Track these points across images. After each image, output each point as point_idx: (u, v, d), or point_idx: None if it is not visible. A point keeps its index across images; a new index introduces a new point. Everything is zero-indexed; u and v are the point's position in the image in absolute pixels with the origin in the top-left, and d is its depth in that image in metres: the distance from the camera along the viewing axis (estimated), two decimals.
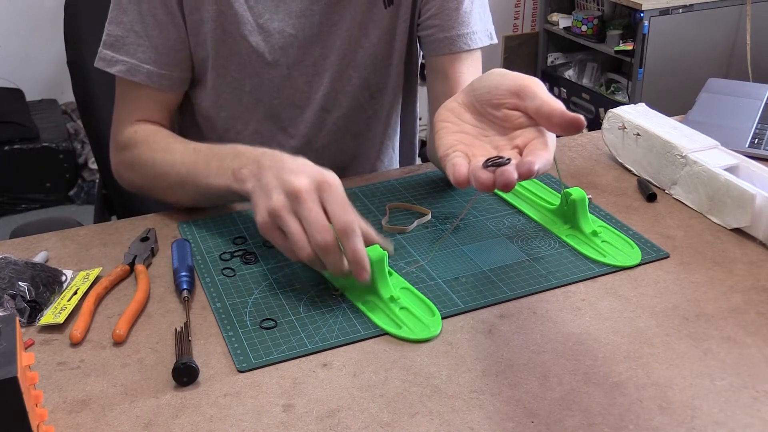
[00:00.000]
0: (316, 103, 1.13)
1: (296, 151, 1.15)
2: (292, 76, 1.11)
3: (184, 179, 0.97)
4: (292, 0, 1.08)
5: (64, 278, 0.88)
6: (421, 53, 1.19)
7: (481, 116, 0.77)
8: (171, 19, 1.05)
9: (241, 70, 1.10)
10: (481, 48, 1.12)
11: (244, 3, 1.07)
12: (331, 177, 0.82)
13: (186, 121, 1.20)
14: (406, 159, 1.32)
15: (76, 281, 0.87)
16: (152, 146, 1.04)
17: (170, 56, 1.06)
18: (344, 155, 1.19)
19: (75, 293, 0.84)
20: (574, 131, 0.71)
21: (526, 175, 0.65)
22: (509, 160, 0.68)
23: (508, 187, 0.66)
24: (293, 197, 0.81)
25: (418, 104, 1.29)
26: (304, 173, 0.82)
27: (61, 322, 0.80)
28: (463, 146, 0.74)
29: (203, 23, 1.07)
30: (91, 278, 0.87)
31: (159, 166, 1.01)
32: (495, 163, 0.66)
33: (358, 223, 0.81)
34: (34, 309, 0.82)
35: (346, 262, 0.81)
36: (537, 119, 0.73)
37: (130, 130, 1.07)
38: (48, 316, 0.81)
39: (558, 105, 0.71)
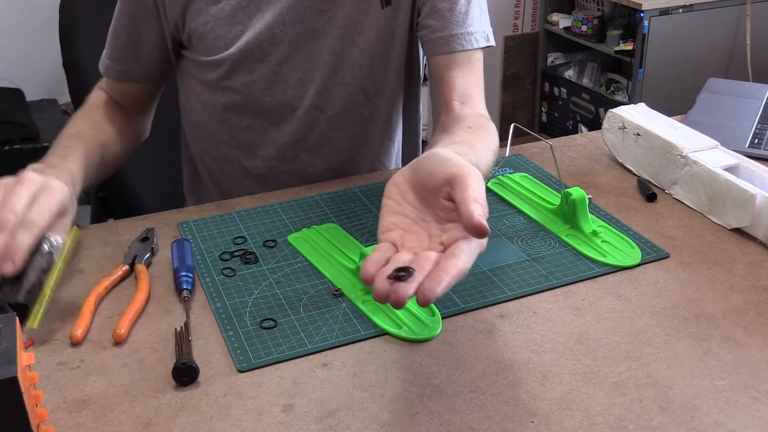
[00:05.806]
0: (308, 101, 1.13)
1: (288, 147, 1.16)
2: (282, 72, 1.11)
3: None
4: None
5: (46, 247, 0.81)
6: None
7: (423, 198, 0.74)
8: (144, 13, 1.10)
9: (231, 67, 1.10)
10: (480, 49, 1.10)
11: None
12: (58, 184, 0.85)
13: (190, 105, 1.22)
14: (409, 160, 1.30)
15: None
16: (76, 113, 1.15)
17: (127, 51, 1.13)
18: (339, 156, 1.18)
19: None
20: (475, 235, 0.67)
21: (423, 303, 0.63)
22: (412, 273, 0.64)
23: (398, 305, 0.64)
24: (18, 179, 0.84)
25: (421, 105, 1.29)
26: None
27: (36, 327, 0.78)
28: (398, 232, 0.71)
29: (185, 23, 1.09)
30: (69, 240, 0.89)
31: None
32: (396, 276, 0.64)
33: (39, 228, 0.79)
34: (23, 316, 0.78)
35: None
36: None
37: (93, 92, 1.18)
38: (31, 321, 0.79)
39: (470, 207, 0.66)
